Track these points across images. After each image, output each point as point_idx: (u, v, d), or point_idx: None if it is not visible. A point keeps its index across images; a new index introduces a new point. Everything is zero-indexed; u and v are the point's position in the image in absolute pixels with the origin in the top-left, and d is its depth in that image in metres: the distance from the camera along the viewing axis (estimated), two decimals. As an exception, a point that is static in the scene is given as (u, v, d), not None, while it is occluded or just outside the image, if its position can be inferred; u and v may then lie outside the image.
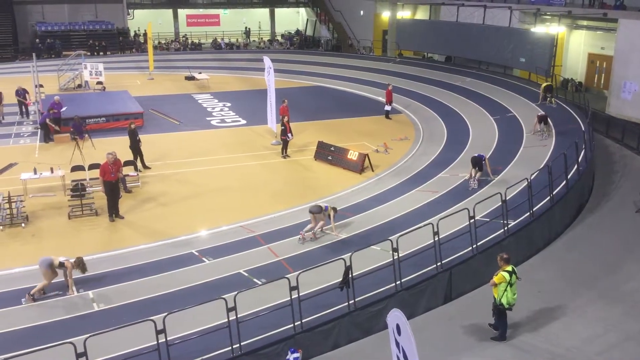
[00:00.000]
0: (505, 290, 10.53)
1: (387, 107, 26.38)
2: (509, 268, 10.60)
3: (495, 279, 10.58)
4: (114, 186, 15.89)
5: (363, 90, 32.53)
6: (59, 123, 23.20)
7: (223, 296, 9.90)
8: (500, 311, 10.79)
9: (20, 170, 18.03)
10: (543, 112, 22.97)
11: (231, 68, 39.54)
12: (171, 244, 14.43)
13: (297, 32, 55.41)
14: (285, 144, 21.35)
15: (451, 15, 36.33)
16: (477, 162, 17.47)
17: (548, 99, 25.91)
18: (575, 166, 17.22)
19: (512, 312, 10.95)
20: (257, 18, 55.80)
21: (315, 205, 14.57)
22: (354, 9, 47.91)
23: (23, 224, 15.39)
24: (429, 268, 12.30)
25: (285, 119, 21.25)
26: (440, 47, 37.93)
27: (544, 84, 26.74)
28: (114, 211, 15.94)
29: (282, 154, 21.39)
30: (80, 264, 11.98)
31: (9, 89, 27.08)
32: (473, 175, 17.40)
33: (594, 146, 19.94)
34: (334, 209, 14.57)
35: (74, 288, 11.88)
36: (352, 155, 20.03)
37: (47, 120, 22.86)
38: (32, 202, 16.77)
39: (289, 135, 21.21)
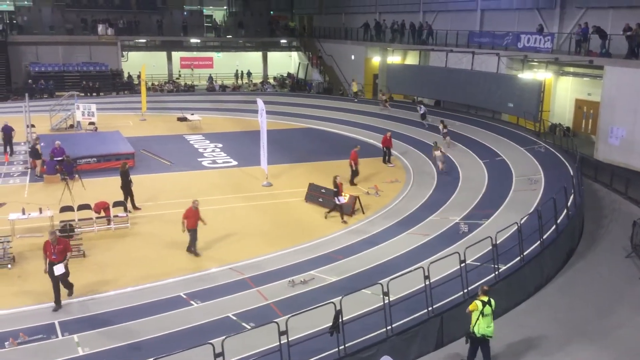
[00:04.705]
0: (478, 319, 10.89)
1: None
2: (484, 298, 11.01)
3: (470, 306, 11.09)
4: (62, 275, 13.11)
5: (354, 133, 32.80)
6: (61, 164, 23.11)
7: (211, 341, 9.72)
8: (472, 339, 11.10)
9: (8, 210, 17.89)
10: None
11: (223, 109, 39.88)
12: (159, 287, 14.24)
13: (289, 75, 56.18)
14: (338, 207, 19.22)
15: (440, 60, 37.02)
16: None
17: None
18: (565, 210, 17.31)
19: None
20: (250, 61, 56.60)
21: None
22: (346, 54, 48.77)
23: (9, 265, 15.17)
24: (420, 313, 12.18)
25: (339, 179, 19.28)
26: (429, 91, 38.53)
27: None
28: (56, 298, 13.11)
29: (342, 219, 19.12)
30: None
31: None
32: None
33: (583, 191, 20.09)
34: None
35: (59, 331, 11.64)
36: (343, 198, 20.02)
37: (56, 167, 22.79)
38: (19, 242, 16.57)
39: (340, 198, 19.09)
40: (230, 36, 54.81)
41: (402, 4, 43.66)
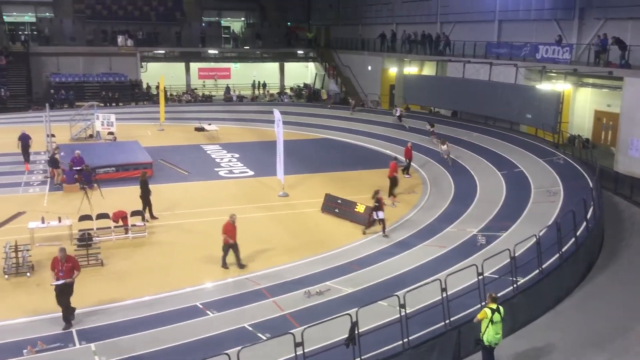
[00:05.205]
0: (487, 326, 10.87)
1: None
2: (493, 305, 11.01)
3: (479, 315, 11.09)
4: (65, 287, 12.70)
5: (371, 143, 32.81)
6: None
7: (226, 351, 9.71)
8: (483, 348, 11.10)
9: (28, 219, 18.10)
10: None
11: (240, 120, 40.11)
12: (176, 296, 14.29)
13: (306, 85, 56.40)
14: (379, 222, 18.66)
15: (457, 71, 36.92)
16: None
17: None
18: (584, 223, 17.09)
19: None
20: (267, 72, 56.94)
21: None
22: (362, 64, 48.87)
23: (28, 274, 15.33)
24: (437, 325, 12.07)
25: (380, 194, 18.84)
26: (446, 102, 38.40)
27: None
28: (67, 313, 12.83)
29: (383, 232, 18.58)
30: None
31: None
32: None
33: (602, 203, 19.83)
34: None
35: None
36: (360, 208, 20.00)
37: (75, 177, 23.06)
38: (38, 251, 16.75)
39: (379, 213, 18.46)
40: (248, 47, 55.20)
41: (419, 15, 43.68)
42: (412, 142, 28.08)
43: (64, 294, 12.60)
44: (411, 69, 43.57)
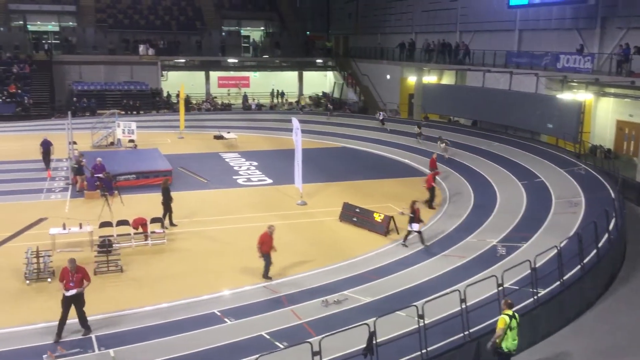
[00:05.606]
0: (505, 333, 10.76)
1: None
2: (510, 312, 10.93)
3: (499, 324, 10.87)
4: (77, 297, 12.48)
5: (389, 152, 32.73)
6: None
7: (244, 359, 9.71)
8: (499, 355, 10.94)
9: (49, 225, 18.31)
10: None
11: (259, 128, 40.29)
12: (194, 303, 14.34)
13: (325, 94, 56.54)
14: (415, 233, 18.28)
15: (477, 80, 36.75)
16: None
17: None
18: (606, 235, 16.84)
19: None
20: (286, 80, 57.20)
21: None
22: (381, 73, 48.87)
23: (49, 279, 15.49)
24: (456, 337, 11.94)
25: (417, 204, 18.34)
26: (466, 111, 38.21)
27: None
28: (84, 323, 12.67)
29: (423, 243, 18.19)
30: None
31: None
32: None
33: (625, 214, 19.53)
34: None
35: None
36: (378, 217, 19.93)
37: (96, 184, 23.32)
38: (59, 257, 16.89)
39: (414, 225, 18.06)
40: (267, 56, 55.56)
41: (439, 24, 43.63)
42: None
43: (76, 304, 12.43)
44: (430, 78, 43.48)
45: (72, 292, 12.34)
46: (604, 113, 32.17)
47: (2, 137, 36.21)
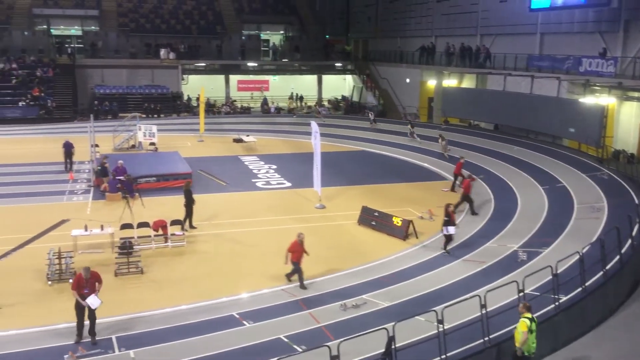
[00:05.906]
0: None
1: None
2: (529, 315, 10.95)
3: (520, 327, 10.85)
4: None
5: (408, 156, 32.61)
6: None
7: (263, 363, 9.74)
8: (519, 359, 10.95)
9: (71, 226, 18.54)
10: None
11: (278, 131, 40.41)
12: (213, 305, 14.41)
13: (344, 97, 56.50)
14: (447, 238, 18.04)
15: (498, 84, 36.47)
16: None
17: None
18: (630, 241, 16.59)
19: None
20: (305, 84, 57.29)
21: None
22: (401, 77, 48.71)
23: (71, 280, 15.66)
24: (476, 343, 11.83)
25: (451, 208, 18.13)
26: (487, 115, 37.92)
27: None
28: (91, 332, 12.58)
29: (444, 248, 18.08)
30: None
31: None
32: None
33: (648, 220, 19.22)
34: None
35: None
36: (397, 221, 19.86)
37: (117, 186, 23.58)
38: (80, 258, 17.12)
39: (449, 228, 17.81)
40: (286, 59, 55.72)
41: (459, 27, 43.37)
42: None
43: (91, 309, 12.38)
44: (450, 82, 43.24)
45: (90, 299, 12.27)
46: (627, 117, 31.69)
47: (26, 140, 36.83)
